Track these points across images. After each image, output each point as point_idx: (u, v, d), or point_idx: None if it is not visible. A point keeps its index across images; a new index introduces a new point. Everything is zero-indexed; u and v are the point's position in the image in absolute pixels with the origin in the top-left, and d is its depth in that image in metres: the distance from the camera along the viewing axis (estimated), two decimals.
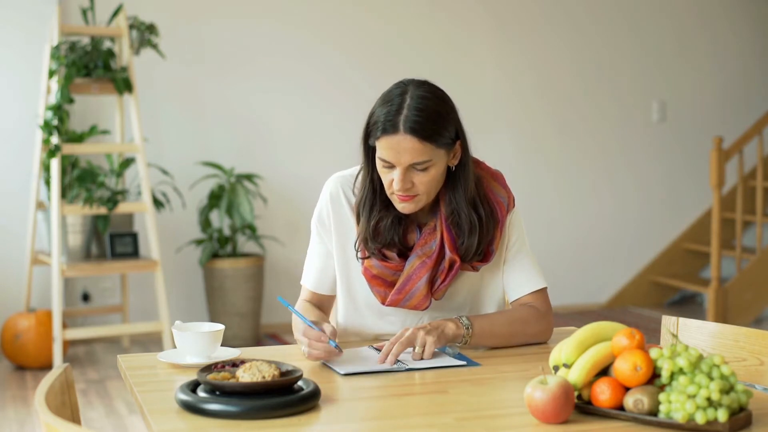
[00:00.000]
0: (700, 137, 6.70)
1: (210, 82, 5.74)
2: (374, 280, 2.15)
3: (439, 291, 2.15)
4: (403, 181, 2.04)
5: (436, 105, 2.04)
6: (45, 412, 1.47)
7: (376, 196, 2.13)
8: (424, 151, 2.02)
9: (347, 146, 5.77)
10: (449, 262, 2.13)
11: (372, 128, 2.07)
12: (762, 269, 6.11)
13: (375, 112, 2.07)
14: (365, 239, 2.14)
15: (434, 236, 2.13)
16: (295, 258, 5.74)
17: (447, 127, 2.05)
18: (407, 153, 2.02)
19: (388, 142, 2.02)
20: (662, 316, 2.19)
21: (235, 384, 1.66)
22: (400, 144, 2.01)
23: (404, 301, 2.15)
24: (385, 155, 2.04)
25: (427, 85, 2.08)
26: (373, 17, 6.03)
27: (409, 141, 2.01)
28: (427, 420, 1.65)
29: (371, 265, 2.14)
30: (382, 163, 2.06)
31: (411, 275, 2.13)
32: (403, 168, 2.03)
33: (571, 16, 6.42)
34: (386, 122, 2.02)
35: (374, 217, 2.13)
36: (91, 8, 5.12)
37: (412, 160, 2.02)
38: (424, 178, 2.05)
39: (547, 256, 6.14)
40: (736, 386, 1.58)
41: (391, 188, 2.07)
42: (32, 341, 4.98)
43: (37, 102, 5.29)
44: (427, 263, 2.12)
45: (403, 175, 2.03)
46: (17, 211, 5.38)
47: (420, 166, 2.03)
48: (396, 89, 2.08)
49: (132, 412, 4.23)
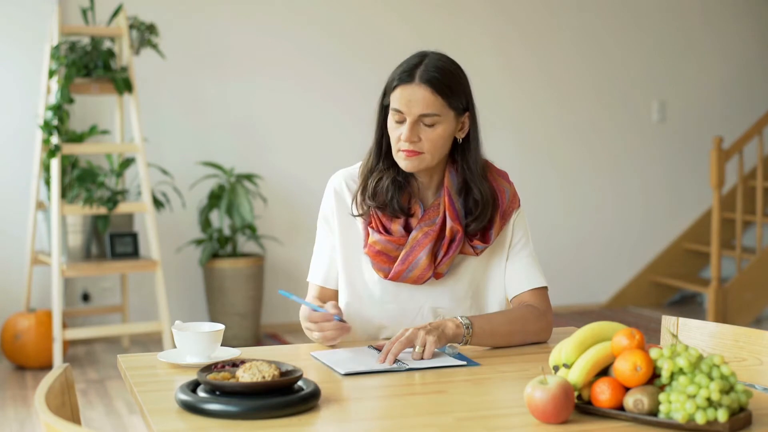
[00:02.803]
0: (700, 137, 6.71)
1: (210, 82, 5.74)
2: (378, 256, 2.18)
3: (441, 264, 2.18)
4: (411, 133, 2.12)
5: (453, 68, 2.17)
6: (45, 412, 1.47)
7: (381, 158, 2.21)
8: (436, 103, 2.12)
9: (347, 146, 5.83)
10: (451, 232, 2.16)
11: (389, 86, 2.16)
12: (762, 269, 6.11)
13: (393, 73, 2.17)
14: (363, 194, 2.20)
15: (438, 211, 2.19)
16: (295, 258, 5.74)
17: (460, 90, 2.17)
18: (419, 103, 2.11)
19: (403, 91, 2.12)
20: (662, 316, 2.19)
21: (235, 384, 1.66)
22: (414, 93, 2.11)
23: (407, 273, 2.18)
24: (397, 104, 2.12)
25: (446, 55, 2.21)
26: (373, 17, 6.03)
27: (422, 90, 2.11)
28: (427, 420, 1.65)
29: (375, 240, 2.18)
30: (393, 116, 2.14)
31: (414, 246, 2.17)
32: (413, 118, 2.11)
33: (571, 17, 6.42)
34: (403, 73, 2.13)
35: (376, 175, 2.20)
36: (91, 8, 5.12)
37: (422, 110, 2.11)
38: (431, 134, 2.13)
39: (548, 256, 6.14)
40: (736, 386, 1.58)
41: (398, 145, 2.15)
42: (32, 341, 4.98)
43: (37, 102, 5.29)
44: (430, 234, 2.17)
45: (412, 126, 2.12)
46: (17, 211, 5.38)
47: (428, 120, 2.12)
48: (416, 54, 2.19)
49: (132, 412, 4.23)
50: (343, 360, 1.99)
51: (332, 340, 2.09)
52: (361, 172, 2.24)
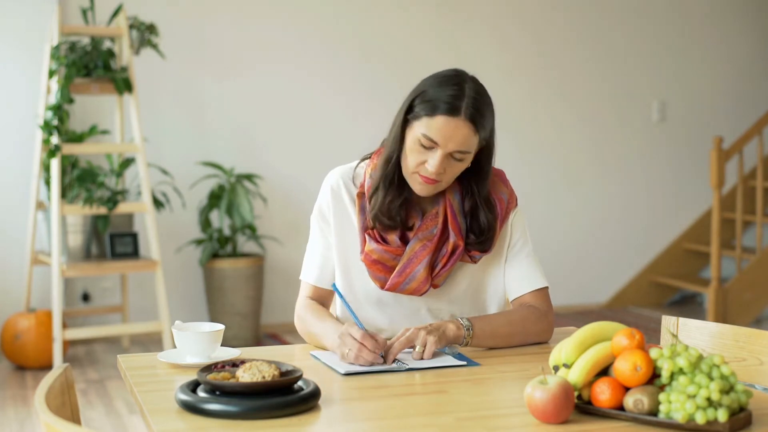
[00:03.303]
0: (700, 137, 6.71)
1: (210, 82, 5.74)
2: (374, 266, 2.15)
3: (439, 276, 2.16)
4: (440, 165, 2.04)
5: (489, 100, 2.08)
6: (45, 412, 1.47)
7: (395, 175, 2.13)
8: (472, 141, 2.05)
9: (347, 146, 5.83)
10: (452, 247, 2.14)
11: (423, 105, 2.05)
12: (762, 269, 6.11)
13: (428, 91, 2.06)
14: (377, 215, 2.13)
15: (435, 222, 2.15)
16: (295, 258, 5.74)
17: (492, 123, 2.09)
18: (458, 140, 2.03)
19: (446, 124, 2.02)
20: (662, 316, 2.19)
21: (235, 384, 1.66)
22: (458, 129, 2.02)
23: (404, 285, 2.14)
24: (433, 135, 2.03)
25: (479, 81, 2.10)
26: (373, 18, 6.02)
27: (466, 129, 2.03)
28: (427, 420, 1.65)
29: (372, 249, 2.14)
30: (422, 141, 2.04)
31: (412, 258, 2.13)
32: (446, 152, 2.04)
33: (571, 17, 6.42)
34: (449, 104, 2.02)
35: (390, 194, 2.12)
36: (91, 8, 5.12)
37: (458, 147, 2.04)
38: (455, 168, 2.07)
39: (548, 256, 6.14)
40: (736, 386, 1.58)
41: (416, 168, 2.07)
42: (32, 341, 4.98)
43: (37, 102, 5.29)
44: (428, 246, 2.13)
45: (442, 160, 2.04)
46: (17, 211, 5.38)
47: (459, 155, 2.05)
48: (451, 74, 2.08)
49: (132, 412, 4.23)
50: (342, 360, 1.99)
51: (356, 360, 1.94)
52: (377, 180, 2.14)
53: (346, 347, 1.95)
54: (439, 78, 2.08)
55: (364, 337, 1.95)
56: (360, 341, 1.94)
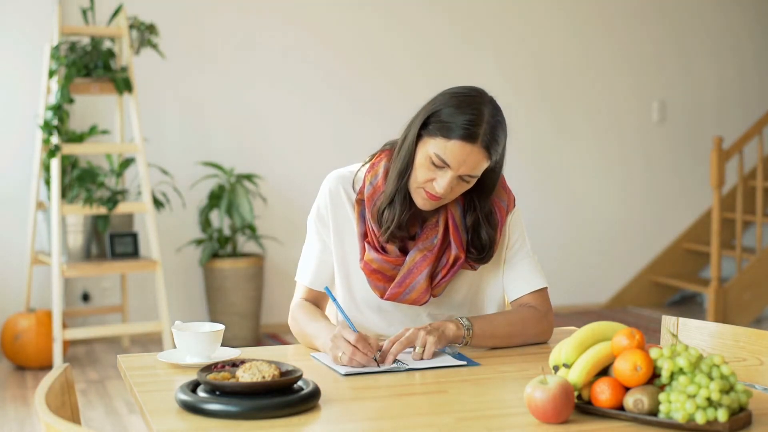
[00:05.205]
0: (700, 137, 6.70)
1: (210, 82, 5.74)
2: (374, 275, 2.14)
3: (439, 286, 2.15)
4: (449, 185, 2.03)
5: (504, 124, 2.07)
6: (45, 412, 1.47)
7: (404, 188, 2.11)
8: (483, 165, 2.05)
9: (347, 146, 5.83)
10: (453, 258, 2.13)
11: (440, 126, 2.02)
12: (762, 269, 6.11)
13: (445, 111, 2.03)
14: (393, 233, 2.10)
15: (436, 231, 2.14)
16: (294, 258, 5.68)
17: (504, 144, 2.08)
18: (470, 165, 2.02)
19: (461, 149, 2.01)
20: (662, 316, 2.19)
21: (235, 384, 1.66)
22: (471, 155, 2.01)
23: (404, 295, 2.14)
24: (447, 157, 2.02)
25: (498, 104, 2.09)
26: (373, 18, 6.02)
27: (480, 155, 2.02)
28: (427, 420, 1.65)
29: (371, 259, 2.13)
30: (433, 159, 2.03)
31: (412, 269, 2.12)
32: (456, 174, 2.03)
33: (571, 17, 6.42)
34: (466, 129, 2.00)
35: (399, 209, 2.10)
36: (91, 8, 5.12)
37: (469, 171, 2.03)
38: (462, 188, 2.07)
39: (547, 256, 6.14)
40: (736, 386, 1.58)
41: (423, 184, 2.06)
42: (32, 341, 4.98)
43: (37, 102, 5.28)
44: (429, 257, 2.12)
45: (452, 181, 2.03)
46: (17, 211, 5.37)
47: (468, 178, 2.05)
48: (471, 94, 2.06)
49: (132, 412, 4.23)
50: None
51: (349, 362, 1.94)
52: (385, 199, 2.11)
53: (339, 350, 1.95)
54: (458, 98, 2.04)
55: (357, 340, 1.94)
56: (353, 344, 1.94)
